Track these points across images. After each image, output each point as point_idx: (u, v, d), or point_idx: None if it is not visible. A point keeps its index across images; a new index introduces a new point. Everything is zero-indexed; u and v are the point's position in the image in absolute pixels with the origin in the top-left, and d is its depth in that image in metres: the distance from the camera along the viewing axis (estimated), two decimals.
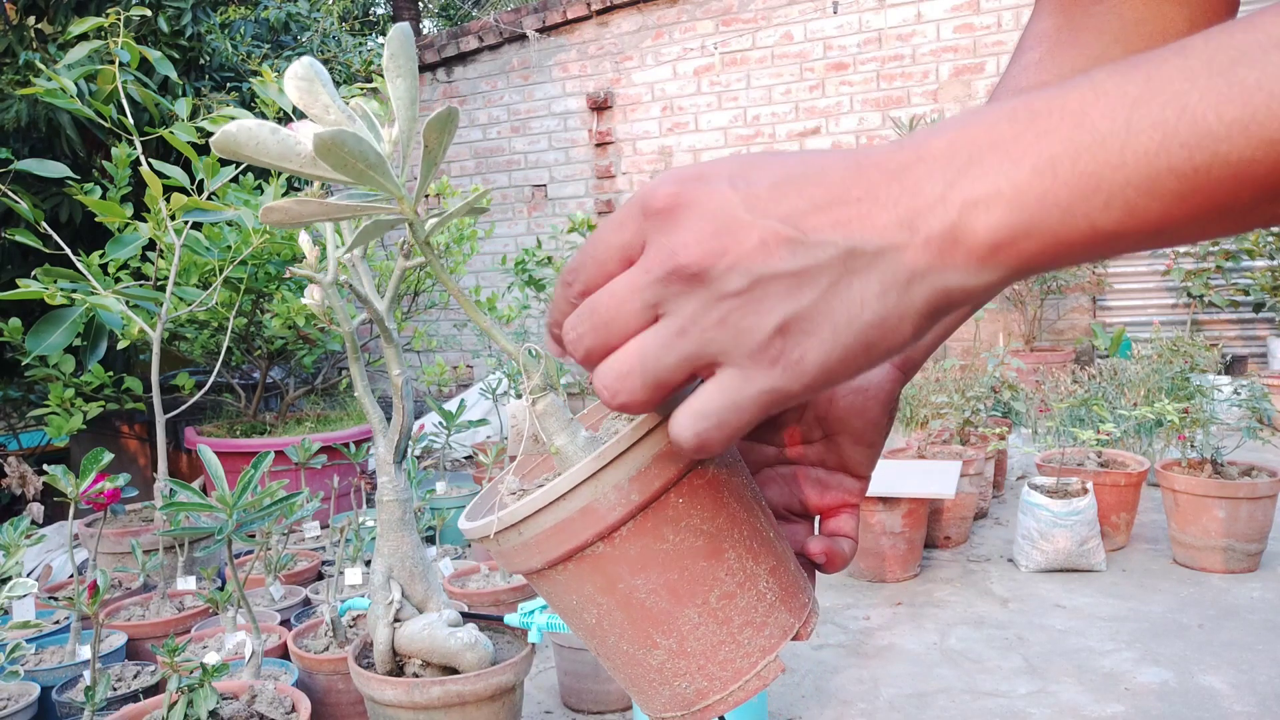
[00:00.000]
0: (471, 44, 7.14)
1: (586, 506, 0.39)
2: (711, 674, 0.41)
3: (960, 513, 3.18)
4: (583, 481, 0.38)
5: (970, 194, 0.30)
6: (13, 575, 1.65)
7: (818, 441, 0.50)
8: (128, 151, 2.59)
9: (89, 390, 3.14)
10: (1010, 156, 0.30)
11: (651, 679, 0.42)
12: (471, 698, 1.58)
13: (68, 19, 3.57)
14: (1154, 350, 4.52)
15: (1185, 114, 0.27)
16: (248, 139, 0.38)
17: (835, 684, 2.21)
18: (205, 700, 1.49)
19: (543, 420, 0.42)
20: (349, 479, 3.14)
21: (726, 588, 0.41)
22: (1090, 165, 0.28)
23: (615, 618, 0.41)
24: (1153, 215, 0.29)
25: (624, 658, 0.42)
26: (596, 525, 0.39)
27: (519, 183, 7.18)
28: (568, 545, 0.39)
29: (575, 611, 0.42)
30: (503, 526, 0.40)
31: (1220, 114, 0.27)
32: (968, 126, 0.31)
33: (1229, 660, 2.24)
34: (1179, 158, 0.28)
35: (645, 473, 0.38)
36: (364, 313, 1.67)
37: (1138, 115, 0.28)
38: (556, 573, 0.41)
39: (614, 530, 0.39)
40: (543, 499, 0.39)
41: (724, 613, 0.41)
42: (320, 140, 0.35)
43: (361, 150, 0.37)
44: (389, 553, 1.64)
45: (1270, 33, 0.27)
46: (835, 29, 6.15)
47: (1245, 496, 2.77)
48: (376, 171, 0.38)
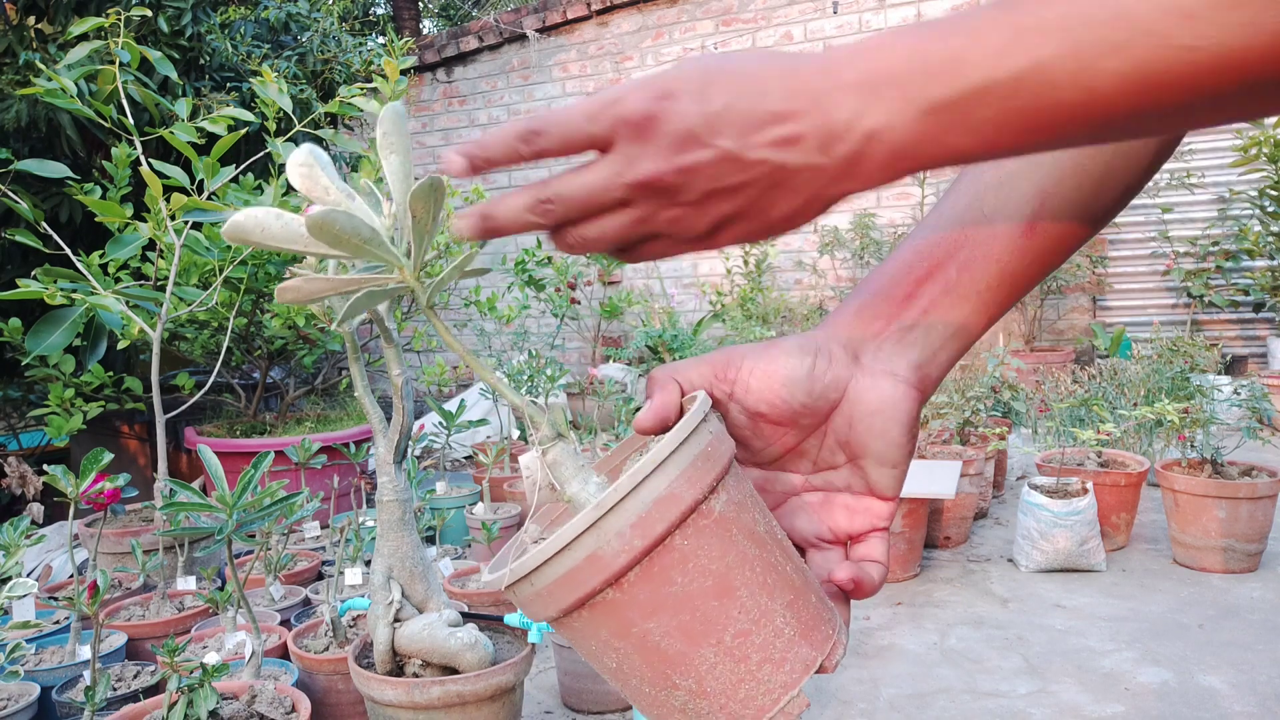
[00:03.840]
0: (471, 44, 7.14)
1: (592, 555, 0.39)
2: (734, 712, 0.41)
3: (960, 513, 3.18)
4: (585, 530, 0.39)
5: (872, 125, 0.38)
6: (13, 575, 1.65)
7: (842, 467, 0.51)
8: (128, 151, 2.59)
9: (89, 390, 3.14)
10: (904, 95, 0.37)
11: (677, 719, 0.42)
12: (471, 698, 1.58)
13: (68, 19, 3.57)
14: (1154, 350, 4.52)
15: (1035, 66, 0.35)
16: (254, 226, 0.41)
17: (835, 684, 2.21)
18: (205, 700, 1.49)
19: (554, 469, 0.43)
20: (349, 479, 3.14)
21: (741, 625, 0.41)
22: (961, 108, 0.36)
23: (634, 661, 0.41)
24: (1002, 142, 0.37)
25: (648, 699, 0.43)
26: (603, 573, 0.39)
27: (519, 182, 7.17)
28: (578, 594, 0.40)
29: (597, 656, 0.43)
30: (514, 579, 0.41)
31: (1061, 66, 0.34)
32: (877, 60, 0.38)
33: (1229, 660, 2.24)
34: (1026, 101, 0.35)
35: (646, 517, 0.39)
36: (364, 313, 1.67)
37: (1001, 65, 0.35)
38: (573, 620, 0.41)
39: (621, 576, 0.39)
40: (549, 550, 0.39)
41: (740, 650, 0.41)
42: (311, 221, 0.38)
43: (354, 226, 0.40)
44: (389, 553, 1.64)
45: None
46: (835, 29, 6.15)
47: (1245, 496, 2.77)
48: (372, 245, 0.41)
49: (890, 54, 0.38)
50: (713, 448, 0.42)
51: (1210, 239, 5.51)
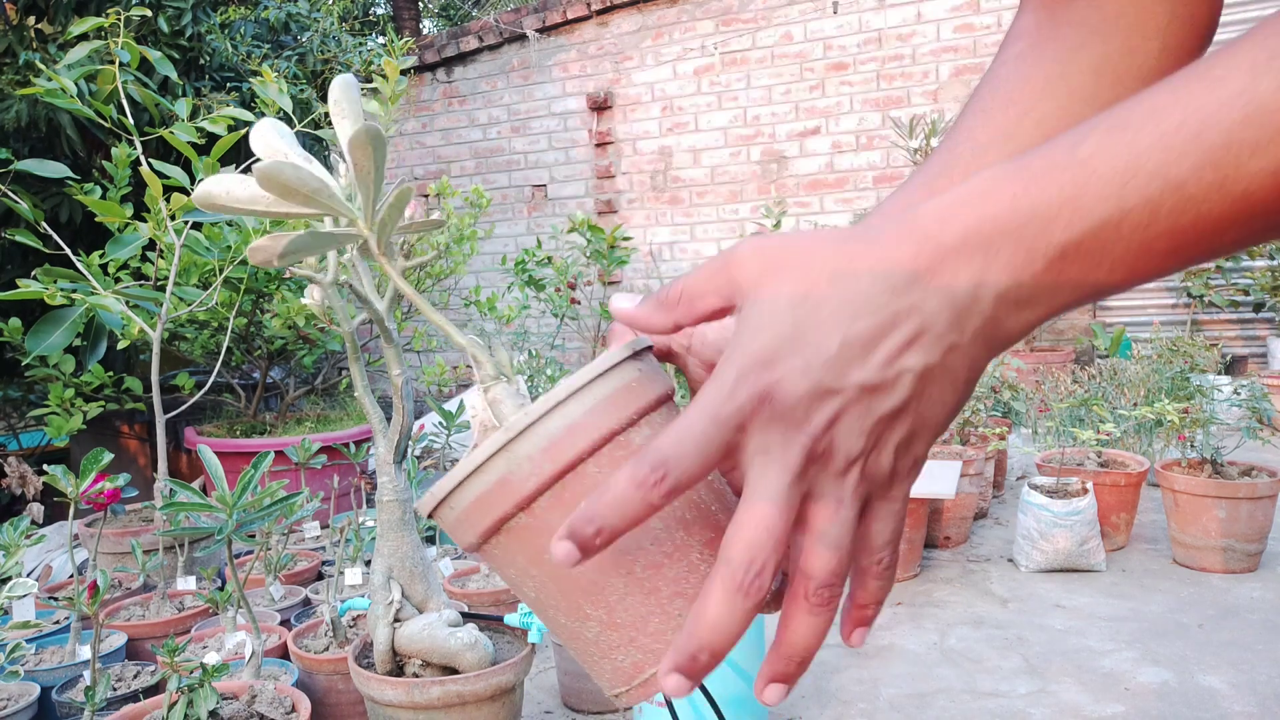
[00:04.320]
0: (471, 44, 7.14)
1: (502, 478, 0.39)
2: (644, 646, 0.41)
3: (960, 513, 3.18)
4: (495, 453, 0.39)
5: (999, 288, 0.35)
6: (13, 575, 1.65)
7: None
8: (128, 151, 2.59)
9: (89, 390, 3.14)
10: (1024, 246, 0.34)
11: (592, 652, 0.42)
12: (471, 698, 1.58)
13: (68, 19, 3.57)
14: (1154, 350, 4.52)
15: (1169, 185, 0.32)
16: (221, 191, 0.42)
17: (835, 684, 2.21)
18: (205, 700, 1.49)
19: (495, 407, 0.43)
20: (349, 479, 3.14)
21: (653, 558, 0.40)
22: (1094, 245, 0.33)
23: (549, 590, 0.41)
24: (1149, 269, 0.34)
25: (566, 631, 0.43)
26: (514, 496, 0.39)
27: (519, 183, 7.18)
28: (491, 517, 0.40)
29: (518, 585, 0.43)
30: (434, 503, 0.41)
31: (1200, 179, 0.31)
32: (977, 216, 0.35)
33: (1229, 660, 2.24)
34: (1167, 223, 0.32)
35: (557, 442, 0.39)
36: (364, 313, 1.67)
37: (1128, 193, 0.32)
38: (492, 546, 0.42)
39: (531, 500, 0.40)
40: (461, 472, 0.40)
41: (651, 582, 0.40)
42: (260, 172, 0.39)
43: (300, 177, 0.40)
44: (389, 553, 1.64)
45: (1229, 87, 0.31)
46: (835, 29, 6.15)
47: (1245, 496, 2.77)
48: (320, 195, 0.41)
49: (989, 204, 0.35)
50: (638, 383, 0.41)
51: None
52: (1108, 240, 0.33)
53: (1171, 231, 0.32)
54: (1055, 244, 0.34)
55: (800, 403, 0.35)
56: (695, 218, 6.62)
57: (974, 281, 0.35)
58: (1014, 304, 0.35)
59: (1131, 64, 0.52)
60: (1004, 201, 0.34)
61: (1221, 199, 0.31)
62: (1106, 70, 0.52)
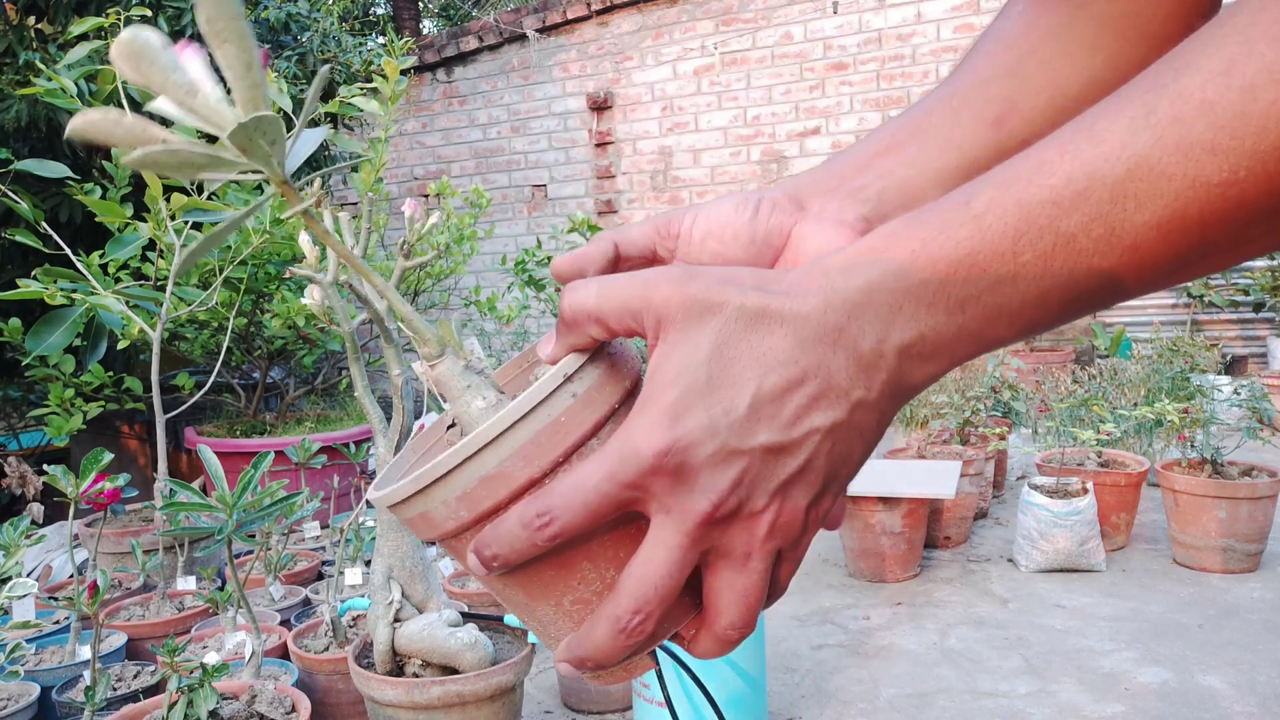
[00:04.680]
0: (471, 44, 7.14)
1: (423, 514, 0.39)
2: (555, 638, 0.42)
3: (960, 513, 3.18)
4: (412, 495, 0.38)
5: (902, 342, 0.35)
6: (13, 575, 1.65)
7: None
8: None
9: (89, 390, 3.14)
10: (924, 301, 0.35)
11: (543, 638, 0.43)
12: (471, 698, 1.58)
13: (68, 19, 3.57)
14: (1154, 350, 4.52)
15: (1059, 240, 0.32)
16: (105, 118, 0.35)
17: (835, 684, 2.21)
18: (205, 700, 1.49)
19: (441, 385, 0.41)
20: (349, 479, 3.14)
21: (581, 594, 0.40)
22: (991, 300, 0.34)
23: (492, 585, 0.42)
24: (1047, 321, 0.35)
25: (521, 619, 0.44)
26: (437, 530, 0.39)
27: (519, 183, 7.18)
28: (425, 536, 0.40)
29: None
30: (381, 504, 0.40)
31: (1088, 233, 0.32)
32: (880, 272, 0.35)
33: (1229, 660, 2.24)
34: (1060, 277, 0.33)
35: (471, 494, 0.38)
36: (364, 313, 1.67)
37: (1021, 249, 0.33)
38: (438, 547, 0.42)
39: (454, 536, 0.39)
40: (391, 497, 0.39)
41: (579, 615, 0.40)
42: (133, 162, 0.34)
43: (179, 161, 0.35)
44: (389, 553, 1.64)
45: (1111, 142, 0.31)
46: (835, 29, 6.15)
47: (1245, 496, 2.77)
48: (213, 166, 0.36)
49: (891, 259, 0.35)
50: (569, 416, 0.37)
51: None
52: (1004, 295, 0.34)
53: (1066, 285, 0.33)
54: (955, 299, 0.34)
55: (704, 466, 0.35)
56: None
57: (878, 337, 0.35)
58: (917, 357, 0.36)
59: (1134, 24, 0.51)
60: (904, 257, 0.35)
61: (1110, 251, 0.32)
62: (1109, 28, 0.51)
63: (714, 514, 0.35)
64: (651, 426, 0.35)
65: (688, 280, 0.36)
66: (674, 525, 0.36)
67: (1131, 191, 0.31)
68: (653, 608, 0.37)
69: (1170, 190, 0.30)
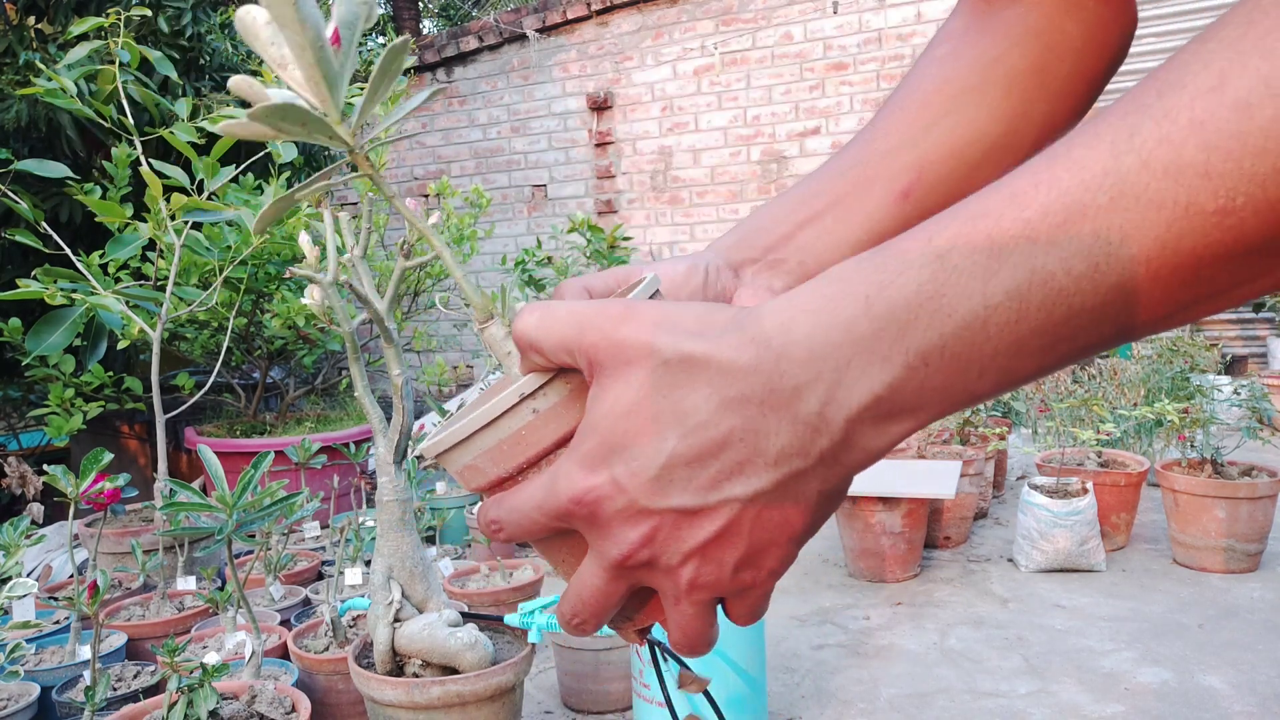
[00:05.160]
0: (471, 44, 7.14)
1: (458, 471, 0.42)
2: None
3: (960, 513, 3.18)
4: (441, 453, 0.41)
5: (849, 409, 0.32)
6: (13, 575, 1.65)
7: None
8: (128, 151, 2.59)
9: (89, 390, 3.14)
10: (878, 355, 0.31)
11: None
12: (471, 698, 1.58)
13: (68, 19, 3.57)
14: (1154, 350, 4.52)
15: (1035, 277, 0.29)
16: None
17: (835, 684, 2.21)
18: (205, 700, 1.49)
19: (492, 346, 0.44)
20: (349, 479, 3.14)
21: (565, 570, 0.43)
22: (958, 349, 0.30)
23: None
24: (1026, 370, 0.31)
25: None
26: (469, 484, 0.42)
27: (519, 183, 7.18)
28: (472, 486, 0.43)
29: None
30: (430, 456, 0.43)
31: (1068, 270, 0.28)
32: (826, 324, 0.32)
33: (1229, 660, 2.24)
34: (1038, 319, 0.29)
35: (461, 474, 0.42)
36: (364, 313, 1.67)
37: (991, 289, 0.29)
38: None
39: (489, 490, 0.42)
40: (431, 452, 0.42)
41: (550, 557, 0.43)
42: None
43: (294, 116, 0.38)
44: (389, 553, 1.64)
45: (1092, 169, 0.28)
46: (835, 29, 6.15)
47: (1245, 496, 2.77)
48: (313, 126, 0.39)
49: (839, 308, 0.31)
50: (530, 431, 0.39)
51: None
52: (973, 341, 0.30)
53: (1043, 328, 0.29)
54: (915, 349, 0.30)
55: (614, 519, 0.35)
56: (695, 218, 6.62)
57: (821, 400, 0.32)
58: (871, 421, 0.32)
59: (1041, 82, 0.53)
60: (855, 305, 0.31)
61: (1094, 290, 0.28)
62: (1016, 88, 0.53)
63: (625, 562, 0.36)
64: (570, 471, 0.36)
65: (621, 322, 0.35)
66: (596, 560, 0.37)
67: (1116, 224, 0.28)
68: (588, 615, 0.38)
69: (1160, 220, 0.27)
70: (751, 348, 0.32)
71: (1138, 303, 0.29)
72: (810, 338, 0.32)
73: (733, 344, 0.33)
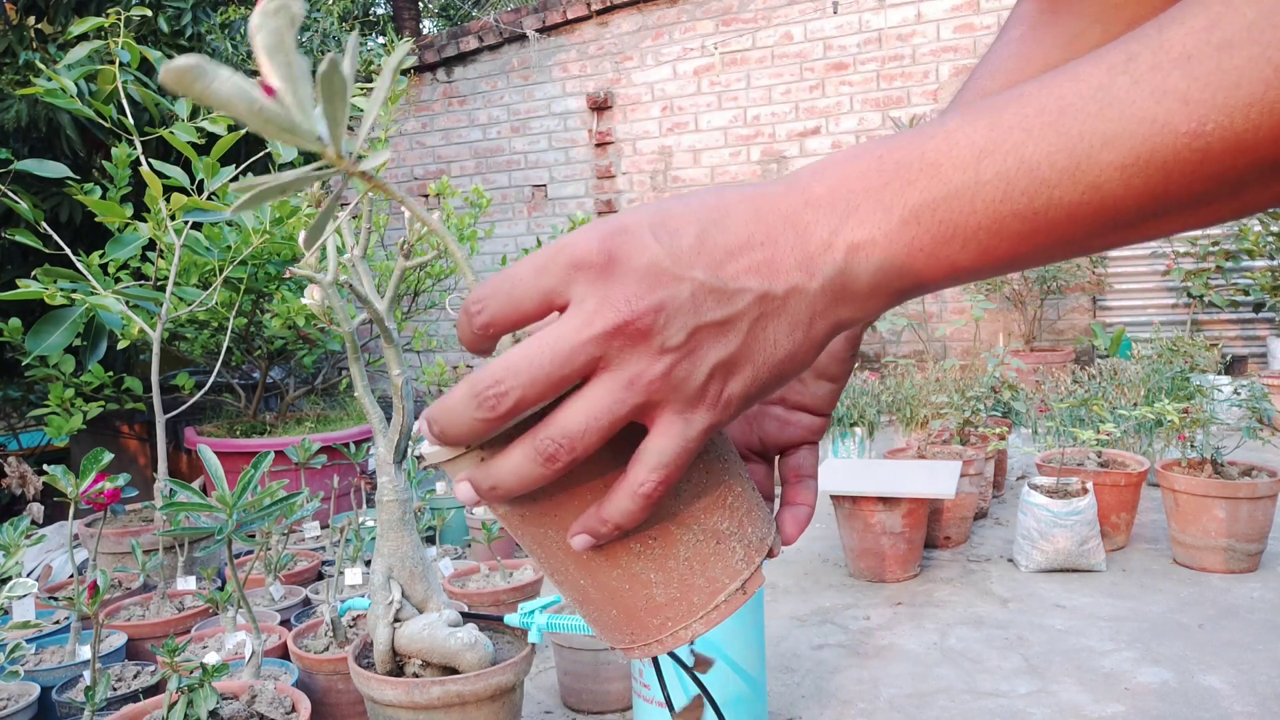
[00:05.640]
0: (471, 44, 7.14)
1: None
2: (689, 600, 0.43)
3: (960, 513, 3.18)
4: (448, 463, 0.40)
5: (852, 239, 0.35)
6: (13, 575, 1.65)
7: None
8: (128, 151, 2.59)
9: (89, 390, 3.14)
10: (882, 205, 0.35)
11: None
12: (471, 698, 1.58)
13: (68, 19, 3.57)
14: (1154, 350, 4.52)
15: (1023, 165, 0.33)
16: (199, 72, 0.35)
17: (835, 684, 2.21)
18: (205, 700, 1.49)
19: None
20: (349, 479, 3.14)
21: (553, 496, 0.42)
22: (947, 214, 0.34)
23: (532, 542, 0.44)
24: (1003, 251, 0.35)
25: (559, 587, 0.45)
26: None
27: (519, 183, 7.18)
28: None
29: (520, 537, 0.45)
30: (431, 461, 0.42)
31: (1053, 163, 0.32)
32: (845, 172, 0.36)
33: (1229, 660, 2.24)
34: (1020, 203, 0.33)
35: None
36: (364, 313, 1.67)
37: (984, 167, 0.33)
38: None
39: None
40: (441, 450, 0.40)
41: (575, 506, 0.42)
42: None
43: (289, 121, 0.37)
44: (389, 553, 1.64)
45: (1089, 82, 0.32)
46: (835, 29, 6.15)
47: (1245, 496, 2.77)
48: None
49: (860, 163, 0.36)
50: None
51: (1210, 239, 5.51)
52: (960, 210, 0.34)
53: (1024, 213, 0.33)
54: (910, 205, 0.34)
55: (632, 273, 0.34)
56: None
57: (830, 230, 0.36)
58: (866, 260, 0.36)
59: None
60: (870, 161, 0.36)
61: (1073, 185, 0.32)
62: None
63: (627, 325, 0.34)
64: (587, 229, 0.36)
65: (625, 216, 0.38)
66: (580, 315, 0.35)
67: (1101, 129, 0.31)
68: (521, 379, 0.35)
69: (1139, 133, 0.31)
70: (783, 184, 0.37)
71: (1107, 202, 0.32)
72: (832, 183, 0.36)
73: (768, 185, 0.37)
